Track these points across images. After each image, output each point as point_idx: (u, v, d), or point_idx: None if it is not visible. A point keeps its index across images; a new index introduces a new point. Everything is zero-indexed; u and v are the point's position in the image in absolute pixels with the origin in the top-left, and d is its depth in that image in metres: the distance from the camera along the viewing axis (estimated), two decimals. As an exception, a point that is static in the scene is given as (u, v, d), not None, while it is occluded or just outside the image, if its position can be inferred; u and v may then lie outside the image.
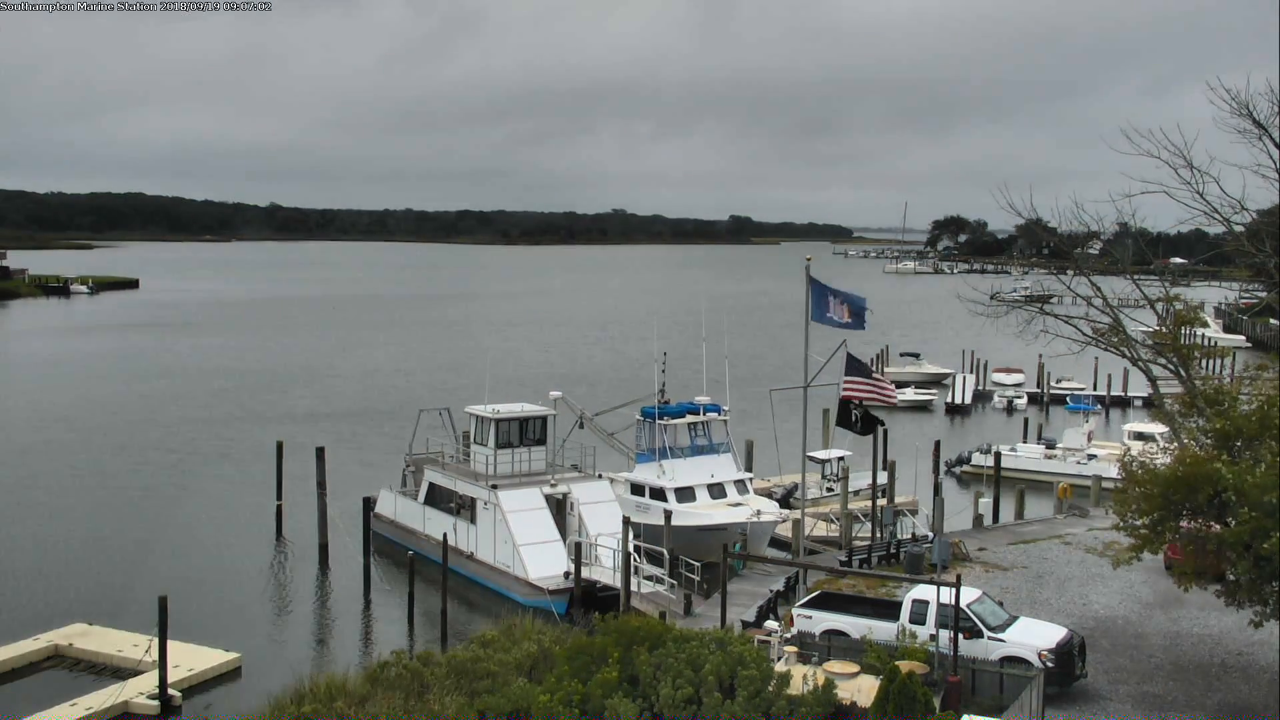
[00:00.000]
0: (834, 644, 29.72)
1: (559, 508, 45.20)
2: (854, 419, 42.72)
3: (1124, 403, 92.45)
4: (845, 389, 42.42)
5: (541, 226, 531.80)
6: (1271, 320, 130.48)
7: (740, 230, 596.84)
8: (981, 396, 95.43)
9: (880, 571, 40.62)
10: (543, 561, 42.50)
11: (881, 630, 30.35)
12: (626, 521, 40.42)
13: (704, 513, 45.81)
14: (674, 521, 43.56)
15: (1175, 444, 31.76)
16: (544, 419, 48.45)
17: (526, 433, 47.77)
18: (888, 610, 31.80)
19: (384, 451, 63.57)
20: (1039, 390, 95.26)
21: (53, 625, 37.55)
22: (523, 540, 43.00)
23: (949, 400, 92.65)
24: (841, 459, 55.58)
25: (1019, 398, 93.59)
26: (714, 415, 50.24)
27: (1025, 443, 68.75)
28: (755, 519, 44.85)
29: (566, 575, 41.58)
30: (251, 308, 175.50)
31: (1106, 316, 37.30)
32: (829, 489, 53.52)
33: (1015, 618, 31.21)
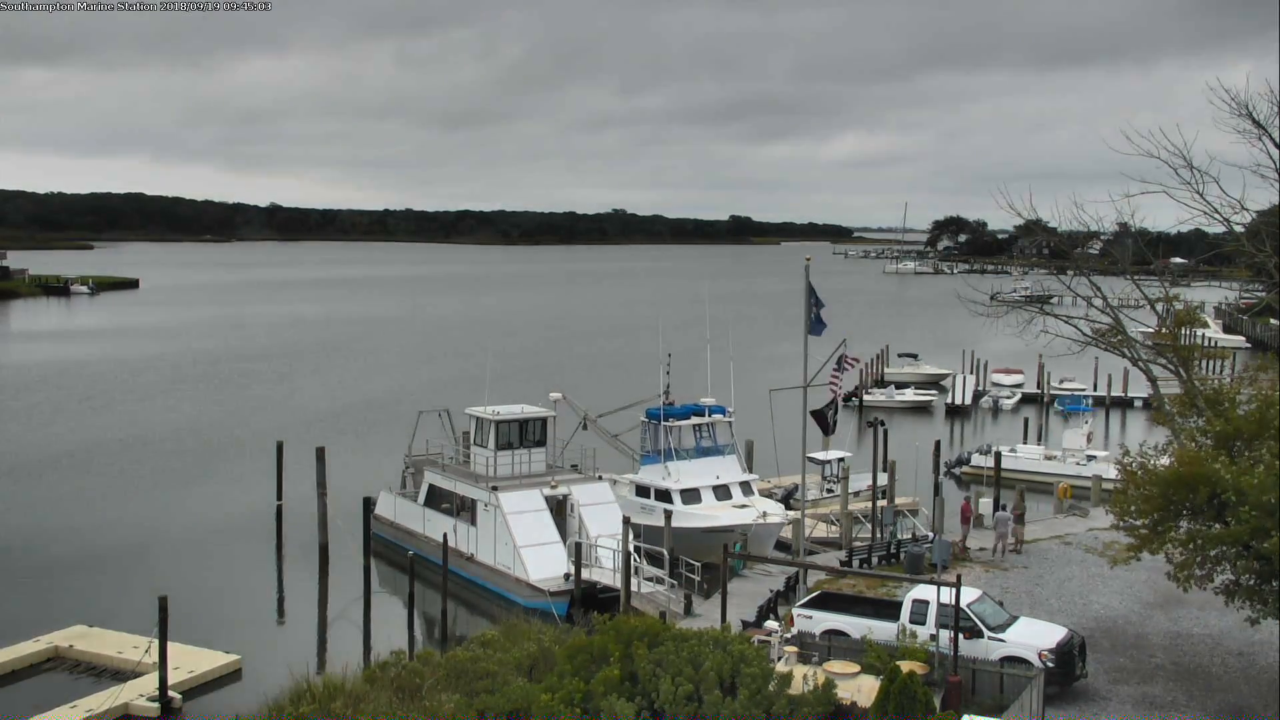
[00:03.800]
0: (834, 644, 29.69)
1: (559, 509, 45.19)
2: (828, 417, 42.88)
3: (1124, 403, 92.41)
4: (830, 383, 42.63)
5: (541, 226, 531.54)
6: (1271, 320, 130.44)
7: (740, 230, 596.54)
8: (982, 397, 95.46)
9: (880, 571, 40.62)
10: (543, 563, 42.49)
11: (882, 630, 30.33)
12: (627, 522, 40.43)
13: (710, 514, 45.77)
14: (680, 523, 43.56)
15: (1174, 444, 31.71)
16: (544, 420, 48.44)
17: (526, 434, 47.75)
18: (888, 610, 31.78)
19: (384, 452, 63.57)
20: (1039, 391, 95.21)
21: (52, 627, 37.50)
22: (523, 542, 42.99)
23: (949, 401, 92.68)
24: (842, 460, 55.54)
25: (1011, 397, 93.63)
26: (719, 416, 50.20)
27: (1026, 443, 68.79)
28: (761, 521, 44.84)
29: (567, 577, 41.57)
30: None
31: (1106, 317, 37.30)
32: (829, 490, 53.47)
33: (1015, 618, 31.20)
